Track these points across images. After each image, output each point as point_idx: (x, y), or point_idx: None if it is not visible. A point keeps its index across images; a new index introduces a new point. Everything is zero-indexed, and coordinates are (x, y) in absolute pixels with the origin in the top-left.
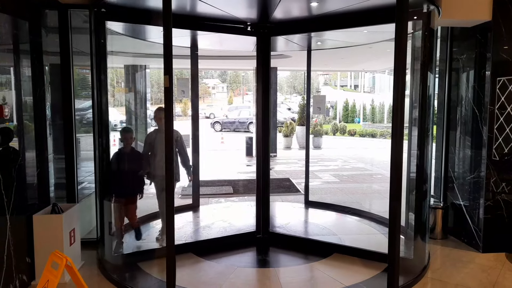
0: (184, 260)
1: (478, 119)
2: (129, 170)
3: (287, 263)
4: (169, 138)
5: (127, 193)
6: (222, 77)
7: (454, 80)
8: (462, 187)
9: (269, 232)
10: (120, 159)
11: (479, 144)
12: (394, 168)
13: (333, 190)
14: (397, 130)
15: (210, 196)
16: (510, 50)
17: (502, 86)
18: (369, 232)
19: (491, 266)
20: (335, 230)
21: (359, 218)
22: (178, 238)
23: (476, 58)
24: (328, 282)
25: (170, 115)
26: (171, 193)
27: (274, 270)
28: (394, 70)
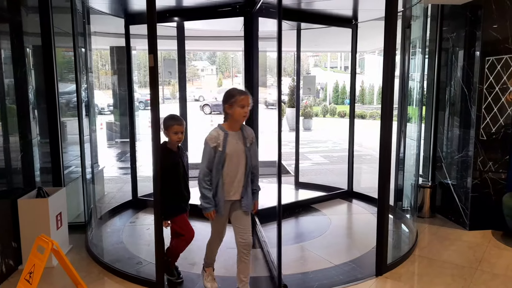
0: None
1: (466, 99)
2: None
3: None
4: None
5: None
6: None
7: (444, 60)
8: (450, 166)
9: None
10: (172, 162)
11: (468, 124)
12: (383, 148)
13: (323, 171)
14: (386, 111)
15: None
16: (500, 28)
17: (491, 65)
18: (358, 212)
19: (477, 243)
20: (325, 211)
21: (349, 198)
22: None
23: (466, 37)
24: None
25: (156, 95)
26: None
27: (266, 251)
28: (384, 50)
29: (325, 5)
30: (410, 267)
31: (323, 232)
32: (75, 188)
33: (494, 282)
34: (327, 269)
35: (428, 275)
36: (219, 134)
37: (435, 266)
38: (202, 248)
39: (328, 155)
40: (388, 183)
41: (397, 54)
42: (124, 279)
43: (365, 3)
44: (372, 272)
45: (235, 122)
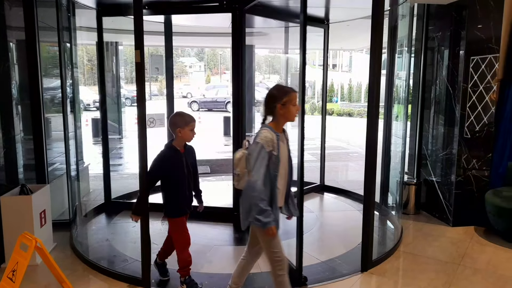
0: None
1: (451, 97)
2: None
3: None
4: (142, 117)
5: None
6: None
7: (430, 59)
8: (434, 164)
9: None
10: (177, 161)
11: (452, 122)
12: (369, 146)
13: (311, 168)
14: (372, 109)
15: None
16: (484, 29)
17: (475, 64)
18: (344, 209)
19: (460, 239)
20: (312, 207)
21: (335, 195)
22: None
23: (451, 36)
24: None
25: (142, 92)
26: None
27: None
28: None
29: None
30: (395, 263)
31: (310, 229)
32: (60, 185)
33: (476, 277)
34: (314, 266)
35: (412, 271)
36: (273, 136)
37: (419, 261)
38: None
39: (316, 153)
40: (374, 180)
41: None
42: (110, 277)
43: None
44: (358, 268)
45: (284, 122)
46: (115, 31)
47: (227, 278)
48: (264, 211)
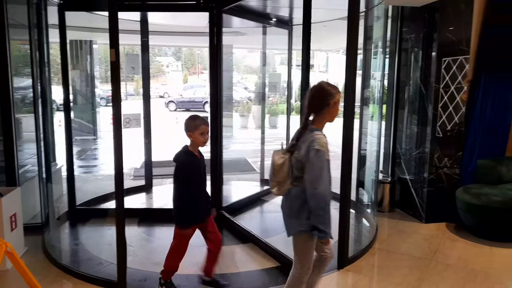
0: (133, 239)
1: (424, 97)
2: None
3: (227, 242)
4: (118, 117)
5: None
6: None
7: (404, 60)
8: (408, 162)
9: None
10: (195, 167)
11: (425, 122)
12: (345, 146)
13: None
14: (348, 109)
15: (164, 177)
16: (456, 31)
17: (447, 66)
18: None
19: (433, 236)
20: None
21: None
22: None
23: (424, 38)
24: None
25: (117, 91)
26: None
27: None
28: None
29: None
30: (370, 260)
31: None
32: (31, 188)
33: (447, 272)
34: (257, 271)
35: (387, 267)
36: (326, 140)
37: (394, 258)
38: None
39: None
40: (350, 179)
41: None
42: (84, 280)
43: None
44: (334, 266)
45: (326, 122)
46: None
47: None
48: (329, 222)
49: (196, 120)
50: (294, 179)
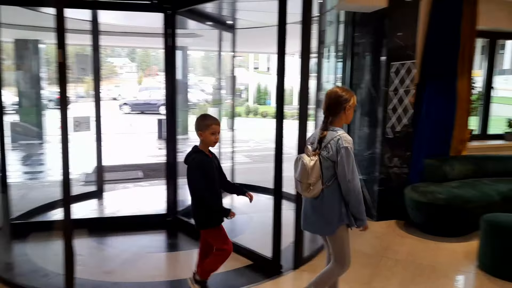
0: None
1: (374, 100)
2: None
3: (189, 246)
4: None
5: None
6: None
7: (356, 64)
8: (360, 163)
9: (177, 216)
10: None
11: (375, 124)
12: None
13: (245, 170)
14: (302, 111)
15: (117, 182)
16: (404, 37)
17: (396, 70)
18: None
19: (383, 233)
20: (246, 209)
21: (269, 196)
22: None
23: (374, 43)
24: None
25: (64, 93)
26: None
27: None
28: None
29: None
30: (325, 259)
31: (243, 231)
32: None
33: (397, 268)
34: (230, 272)
35: None
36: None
37: None
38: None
39: (251, 154)
40: None
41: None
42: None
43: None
44: (290, 266)
45: (343, 123)
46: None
47: (159, 286)
48: (364, 210)
49: (207, 120)
50: (327, 179)
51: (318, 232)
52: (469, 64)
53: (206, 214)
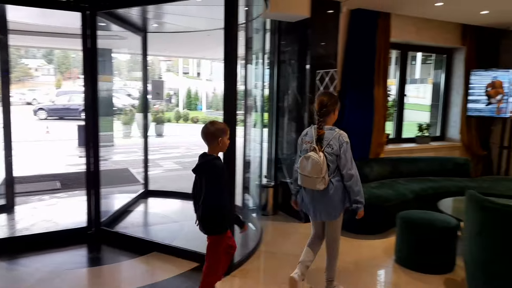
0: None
1: (300, 106)
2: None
3: (115, 259)
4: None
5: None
6: (48, 58)
7: (283, 71)
8: (289, 166)
9: (101, 227)
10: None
11: (302, 129)
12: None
13: (176, 177)
14: (229, 116)
15: (31, 194)
16: (326, 46)
17: (320, 77)
18: None
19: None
20: (176, 217)
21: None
22: None
23: (299, 51)
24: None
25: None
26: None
27: (107, 268)
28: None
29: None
30: (256, 263)
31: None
32: None
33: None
34: (175, 277)
35: (272, 268)
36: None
37: (278, 258)
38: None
39: (181, 161)
40: (233, 185)
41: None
42: None
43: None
44: None
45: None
46: None
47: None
48: (363, 194)
49: (222, 124)
50: (332, 171)
51: (325, 218)
52: (384, 73)
53: (217, 220)
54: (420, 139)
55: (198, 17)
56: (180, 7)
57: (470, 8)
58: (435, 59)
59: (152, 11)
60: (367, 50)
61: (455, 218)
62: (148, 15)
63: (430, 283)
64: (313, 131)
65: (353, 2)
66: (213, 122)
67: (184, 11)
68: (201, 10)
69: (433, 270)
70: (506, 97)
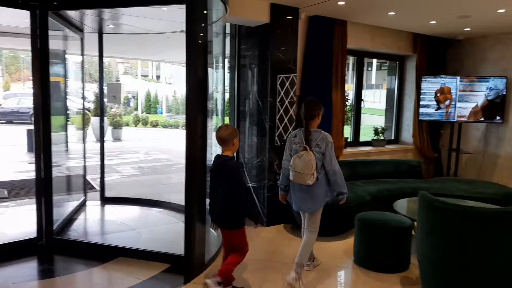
0: None
1: (261, 111)
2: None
3: (72, 269)
4: None
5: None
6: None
7: (243, 75)
8: (250, 171)
9: (54, 237)
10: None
11: (263, 133)
12: (189, 157)
13: (133, 183)
14: (190, 119)
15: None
16: (285, 51)
17: (281, 82)
18: (169, 222)
19: (272, 237)
20: (134, 225)
21: (159, 209)
22: None
23: (259, 56)
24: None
25: None
26: None
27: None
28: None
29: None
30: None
31: None
32: None
33: (285, 269)
34: (147, 281)
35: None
36: None
37: None
38: None
39: (140, 166)
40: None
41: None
42: None
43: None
44: (181, 281)
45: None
46: None
47: None
48: (345, 185)
49: (233, 128)
50: (319, 168)
51: (309, 209)
52: (342, 79)
53: (239, 215)
54: (376, 142)
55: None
56: (138, 9)
57: (419, 18)
58: (389, 65)
59: (108, 12)
60: (325, 56)
61: (409, 218)
62: (104, 15)
63: (387, 282)
64: (301, 133)
65: (310, 9)
66: (227, 126)
67: (143, 13)
68: (160, 12)
69: (389, 269)
70: (454, 102)
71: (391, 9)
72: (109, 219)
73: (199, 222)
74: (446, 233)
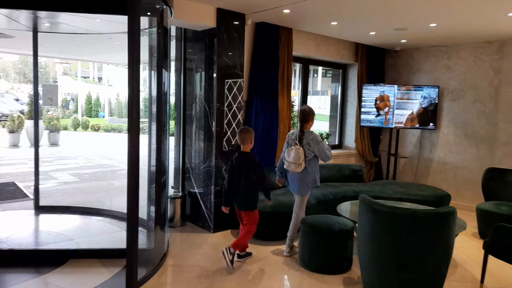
0: None
1: (208, 115)
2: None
3: (11, 281)
4: None
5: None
6: None
7: (190, 78)
8: (197, 176)
9: None
10: None
11: (211, 137)
12: (131, 162)
13: (72, 190)
14: (132, 125)
15: None
16: (232, 56)
17: (229, 87)
18: (110, 231)
19: (219, 244)
20: (72, 235)
21: (100, 217)
22: None
23: (206, 60)
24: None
25: None
26: None
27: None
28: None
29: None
30: (161, 278)
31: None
32: None
33: (232, 276)
34: (110, 279)
35: (176, 282)
36: None
37: (184, 271)
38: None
39: (79, 172)
40: (137, 197)
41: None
42: None
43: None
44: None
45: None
46: None
47: None
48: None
49: (250, 128)
50: (307, 160)
51: (296, 191)
52: (288, 85)
53: (256, 197)
54: None
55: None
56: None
57: (360, 29)
58: (333, 73)
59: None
60: (271, 62)
61: (351, 220)
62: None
63: (330, 283)
64: (297, 132)
65: (257, 16)
66: (247, 129)
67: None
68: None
69: (332, 270)
70: (392, 109)
71: (333, 19)
72: (44, 229)
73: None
74: (384, 234)
